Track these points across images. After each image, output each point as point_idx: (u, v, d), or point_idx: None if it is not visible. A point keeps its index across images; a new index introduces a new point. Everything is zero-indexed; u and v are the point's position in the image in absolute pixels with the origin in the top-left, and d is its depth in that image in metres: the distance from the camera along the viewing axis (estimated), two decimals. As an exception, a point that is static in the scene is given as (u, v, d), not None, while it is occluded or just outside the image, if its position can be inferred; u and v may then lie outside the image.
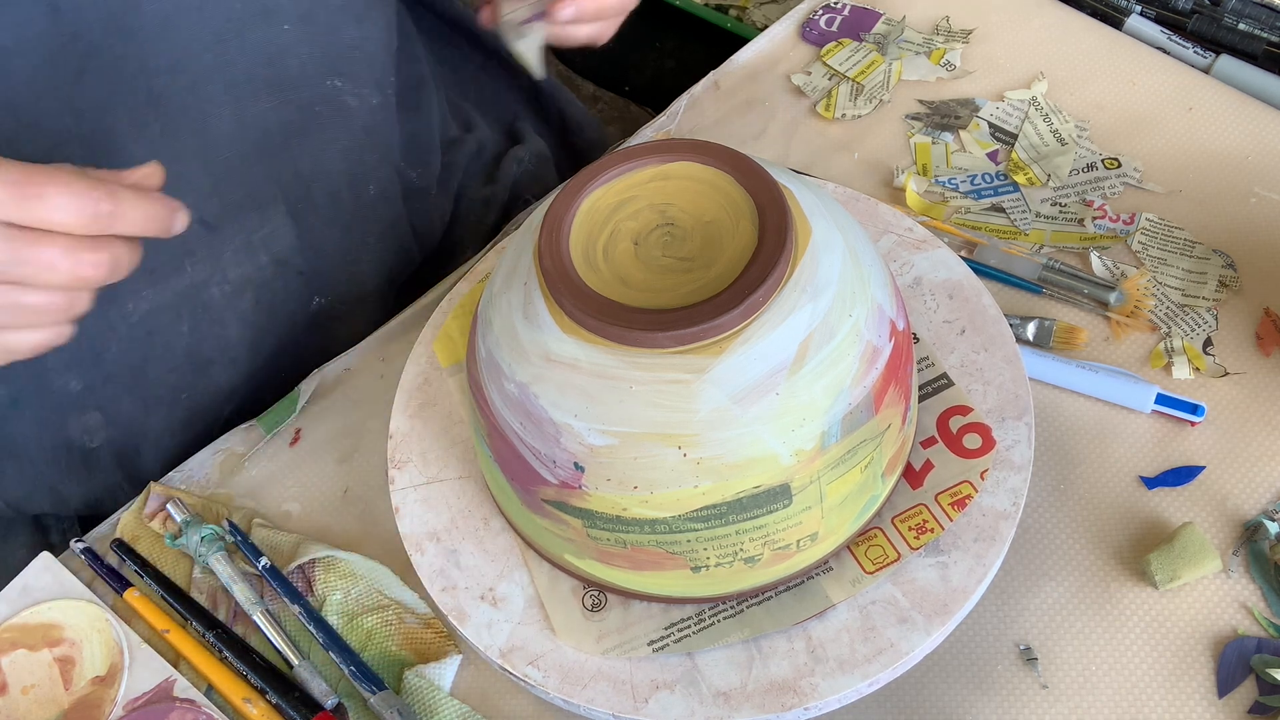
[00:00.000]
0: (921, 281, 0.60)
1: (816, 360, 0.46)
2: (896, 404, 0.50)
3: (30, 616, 0.61)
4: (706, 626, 0.52)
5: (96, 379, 0.69)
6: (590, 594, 0.54)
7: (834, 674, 0.50)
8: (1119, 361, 0.64)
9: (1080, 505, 0.60)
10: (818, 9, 0.82)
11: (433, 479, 0.58)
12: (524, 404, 0.48)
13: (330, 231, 0.74)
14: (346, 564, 0.61)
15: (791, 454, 0.47)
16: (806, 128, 0.77)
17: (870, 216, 0.63)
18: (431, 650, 0.59)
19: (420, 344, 0.62)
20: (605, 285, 0.48)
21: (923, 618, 0.51)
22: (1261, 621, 0.56)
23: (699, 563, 0.50)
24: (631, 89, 1.18)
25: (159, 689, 0.58)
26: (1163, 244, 0.68)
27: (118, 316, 0.68)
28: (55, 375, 0.68)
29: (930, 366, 0.58)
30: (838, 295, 0.47)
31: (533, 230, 0.51)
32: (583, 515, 0.49)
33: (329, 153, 0.72)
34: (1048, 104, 0.75)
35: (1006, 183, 0.72)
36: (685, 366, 0.46)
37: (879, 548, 0.53)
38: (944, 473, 0.54)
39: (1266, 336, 0.64)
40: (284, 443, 0.68)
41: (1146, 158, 0.72)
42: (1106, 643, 0.56)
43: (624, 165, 0.51)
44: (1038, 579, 0.58)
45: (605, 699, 0.51)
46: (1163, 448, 0.61)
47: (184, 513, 0.64)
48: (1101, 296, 0.66)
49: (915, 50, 0.79)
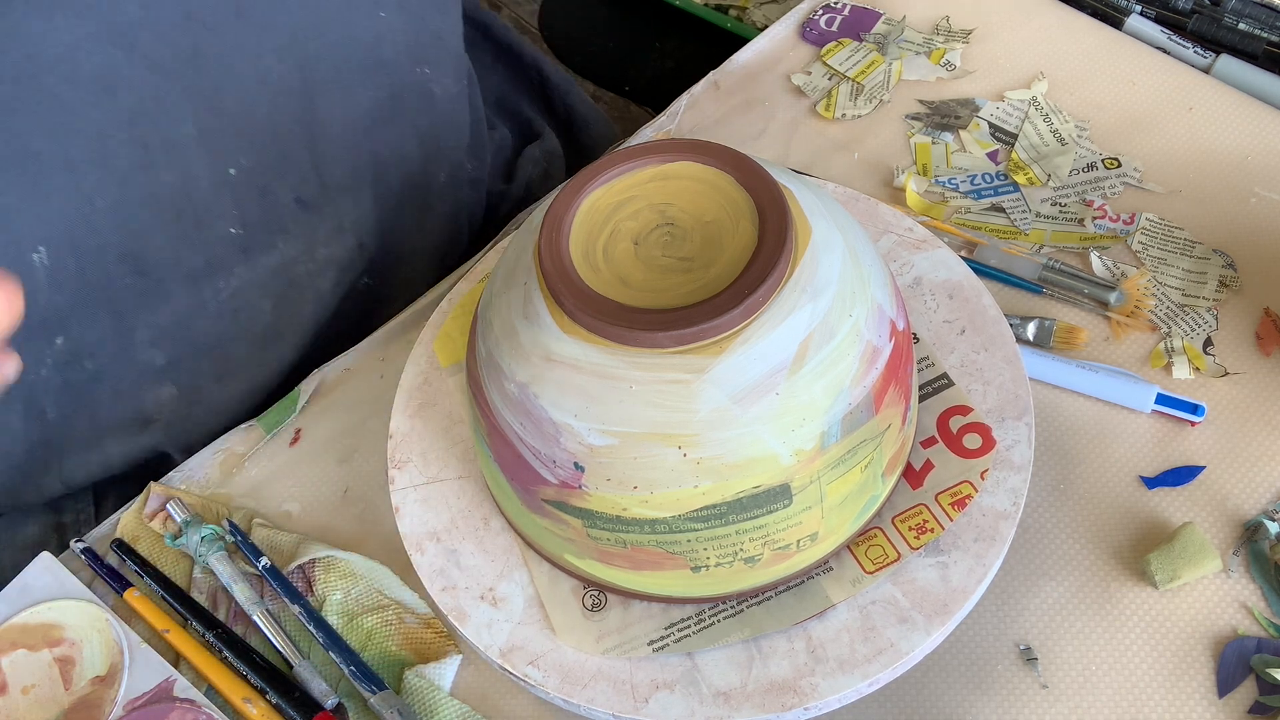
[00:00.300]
0: (921, 281, 0.60)
1: (816, 360, 0.46)
2: (896, 404, 0.50)
3: (30, 616, 0.61)
4: (706, 626, 0.52)
5: (181, 353, 0.70)
6: (590, 594, 0.54)
7: (834, 674, 0.50)
8: (1119, 361, 0.64)
9: (1080, 505, 0.60)
10: (818, 9, 0.82)
11: (433, 479, 0.58)
12: (524, 404, 0.48)
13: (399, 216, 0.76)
14: (346, 564, 0.61)
15: (791, 454, 0.47)
16: (806, 128, 0.77)
17: (870, 216, 0.63)
18: (431, 650, 0.59)
19: (420, 344, 0.62)
20: (605, 285, 0.48)
21: (923, 618, 0.51)
22: (1261, 621, 0.56)
23: (699, 563, 0.50)
24: (631, 89, 1.18)
25: (159, 689, 0.58)
26: (1163, 244, 0.68)
27: (210, 293, 0.69)
28: (141, 350, 0.69)
29: (930, 366, 0.58)
30: (838, 295, 0.47)
31: (533, 230, 0.51)
32: (583, 515, 0.49)
33: (409, 138, 0.74)
34: (1048, 104, 0.75)
35: (1006, 183, 0.72)
36: (685, 366, 0.46)
37: (879, 548, 0.53)
38: (944, 473, 0.54)
39: (1266, 336, 0.64)
40: (284, 443, 0.68)
41: (1146, 158, 0.72)
42: (1106, 643, 0.56)
43: (624, 165, 0.51)
44: (1038, 579, 0.58)
45: (605, 699, 0.51)
46: (1163, 448, 0.61)
47: (184, 513, 0.64)
48: (1101, 296, 0.66)
49: (915, 50, 0.79)
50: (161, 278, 0.67)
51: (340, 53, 0.67)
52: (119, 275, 0.66)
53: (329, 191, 0.71)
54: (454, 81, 0.76)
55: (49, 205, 0.61)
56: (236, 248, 0.69)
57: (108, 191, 0.63)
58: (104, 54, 0.58)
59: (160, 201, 0.65)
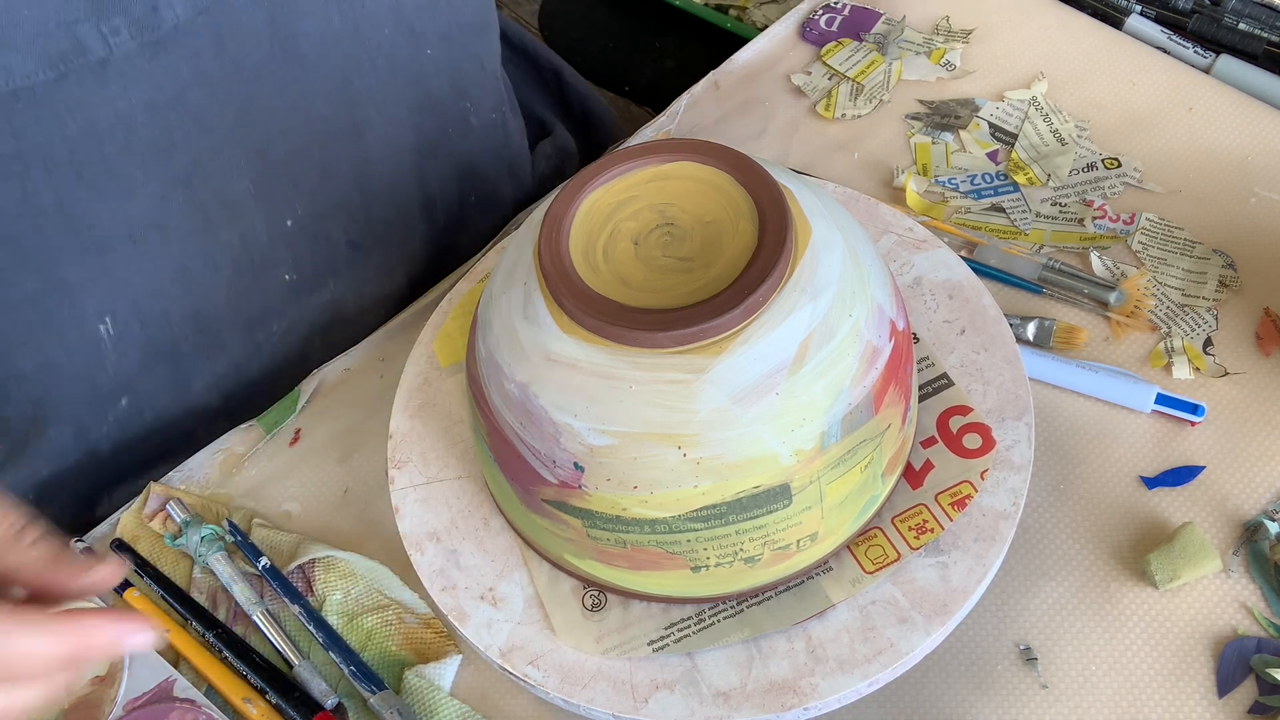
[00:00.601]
0: (921, 281, 0.60)
1: (816, 360, 0.46)
2: (896, 404, 0.50)
3: (30, 616, 0.61)
4: (706, 626, 0.52)
5: (234, 392, 0.71)
6: (590, 594, 0.54)
7: (834, 674, 0.50)
8: (1119, 361, 0.64)
9: (1080, 505, 0.60)
10: (818, 9, 0.82)
11: (433, 479, 0.58)
12: (524, 404, 0.48)
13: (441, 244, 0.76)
14: (346, 564, 0.61)
15: (791, 454, 0.47)
16: (806, 128, 0.77)
17: (870, 216, 0.63)
18: (431, 650, 0.59)
19: (420, 344, 0.62)
20: (605, 285, 0.48)
21: (923, 618, 0.51)
22: (1261, 621, 0.56)
23: (699, 563, 0.50)
24: (631, 89, 1.18)
25: (159, 689, 0.58)
26: (1163, 244, 0.68)
27: (263, 338, 0.70)
28: (197, 396, 0.70)
29: (930, 366, 0.58)
30: (838, 295, 0.47)
31: (533, 230, 0.51)
32: (583, 515, 0.49)
33: (451, 171, 0.74)
34: (1048, 104, 0.75)
35: (1006, 183, 0.72)
36: (685, 366, 0.46)
37: (879, 548, 0.53)
38: (944, 473, 0.54)
39: (1266, 336, 0.64)
40: (284, 443, 0.68)
41: (1146, 158, 0.72)
42: (1106, 643, 0.56)
43: (624, 165, 0.51)
44: (1038, 579, 0.58)
45: (605, 699, 0.51)
46: (1163, 448, 0.61)
47: (184, 513, 0.64)
48: (1101, 296, 0.66)
49: (915, 50, 0.79)
50: (219, 330, 0.68)
51: (388, 91, 0.67)
52: (182, 335, 0.66)
53: (377, 230, 0.71)
54: (493, 108, 0.75)
55: (113, 277, 0.62)
56: (290, 292, 0.69)
57: (169, 256, 0.63)
58: (158, 118, 0.58)
59: (220, 260, 0.65)
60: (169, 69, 0.56)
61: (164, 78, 0.57)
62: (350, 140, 0.67)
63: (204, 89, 0.58)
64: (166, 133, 0.58)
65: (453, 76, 0.71)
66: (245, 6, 0.58)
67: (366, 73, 0.65)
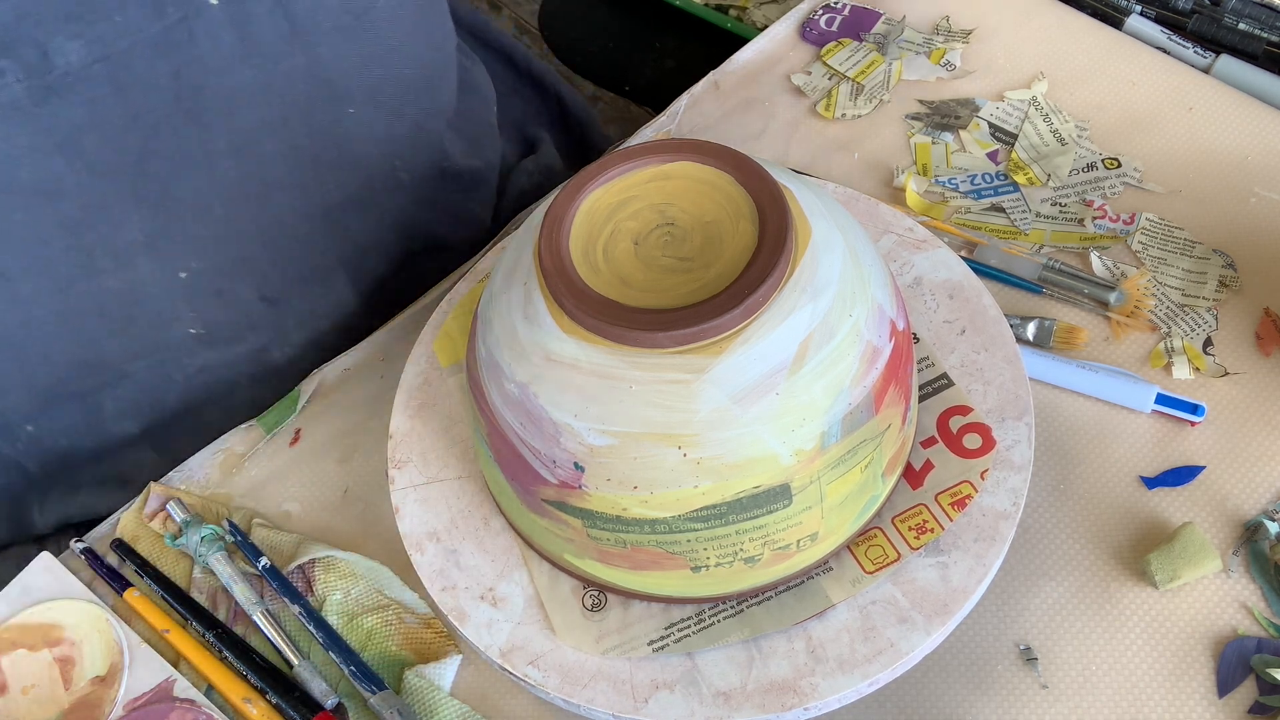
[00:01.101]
0: (921, 281, 0.60)
1: (816, 360, 0.46)
2: (896, 404, 0.50)
3: (30, 616, 0.61)
4: (706, 626, 0.52)
5: (155, 424, 0.70)
6: (590, 594, 0.54)
7: (834, 674, 0.50)
8: (1119, 361, 0.64)
9: (1080, 505, 0.60)
10: (818, 9, 0.82)
11: (433, 479, 0.58)
12: (524, 404, 0.48)
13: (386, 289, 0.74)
14: (346, 564, 0.61)
15: (791, 454, 0.47)
16: (806, 128, 0.77)
17: (870, 216, 0.63)
18: (431, 650, 0.59)
19: (420, 344, 0.62)
20: (605, 285, 0.48)
21: (923, 618, 0.51)
22: (1261, 621, 0.56)
23: (699, 563, 0.50)
24: (631, 89, 1.18)
25: (159, 689, 0.58)
26: (1163, 244, 0.68)
27: (175, 371, 0.68)
28: (112, 422, 0.69)
29: (930, 366, 0.58)
30: (838, 295, 0.47)
31: (533, 230, 0.51)
32: (583, 515, 0.49)
33: (385, 222, 0.72)
34: (1048, 104, 0.75)
35: (1006, 183, 0.72)
36: (685, 366, 0.46)
37: (879, 548, 0.53)
38: (944, 473, 0.54)
39: (1266, 336, 0.64)
40: (284, 443, 0.68)
41: (1146, 158, 0.72)
42: (1106, 643, 0.56)
43: (624, 165, 0.51)
44: (1038, 579, 0.58)
45: (605, 699, 0.51)
46: (1163, 448, 0.61)
47: (184, 513, 0.64)
48: (1101, 296, 0.66)
49: (915, 50, 0.79)
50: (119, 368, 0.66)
51: (300, 152, 0.64)
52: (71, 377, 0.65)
53: (292, 284, 0.69)
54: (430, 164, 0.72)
55: None
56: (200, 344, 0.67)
57: (48, 300, 0.61)
58: (44, 162, 0.56)
59: (107, 308, 0.63)
60: (59, 114, 0.55)
61: (53, 122, 0.55)
62: (256, 200, 0.64)
63: (98, 135, 0.57)
64: (52, 177, 0.57)
65: (379, 138, 0.68)
66: (147, 57, 0.56)
67: (277, 131, 0.62)
